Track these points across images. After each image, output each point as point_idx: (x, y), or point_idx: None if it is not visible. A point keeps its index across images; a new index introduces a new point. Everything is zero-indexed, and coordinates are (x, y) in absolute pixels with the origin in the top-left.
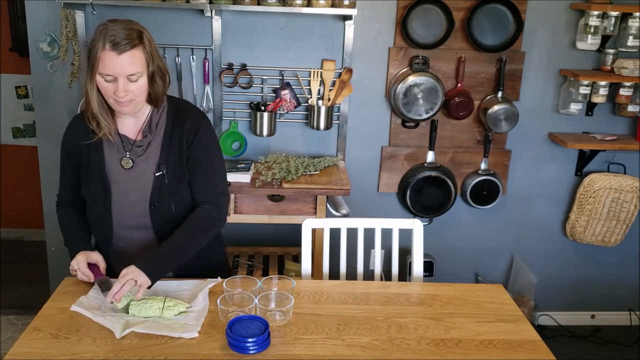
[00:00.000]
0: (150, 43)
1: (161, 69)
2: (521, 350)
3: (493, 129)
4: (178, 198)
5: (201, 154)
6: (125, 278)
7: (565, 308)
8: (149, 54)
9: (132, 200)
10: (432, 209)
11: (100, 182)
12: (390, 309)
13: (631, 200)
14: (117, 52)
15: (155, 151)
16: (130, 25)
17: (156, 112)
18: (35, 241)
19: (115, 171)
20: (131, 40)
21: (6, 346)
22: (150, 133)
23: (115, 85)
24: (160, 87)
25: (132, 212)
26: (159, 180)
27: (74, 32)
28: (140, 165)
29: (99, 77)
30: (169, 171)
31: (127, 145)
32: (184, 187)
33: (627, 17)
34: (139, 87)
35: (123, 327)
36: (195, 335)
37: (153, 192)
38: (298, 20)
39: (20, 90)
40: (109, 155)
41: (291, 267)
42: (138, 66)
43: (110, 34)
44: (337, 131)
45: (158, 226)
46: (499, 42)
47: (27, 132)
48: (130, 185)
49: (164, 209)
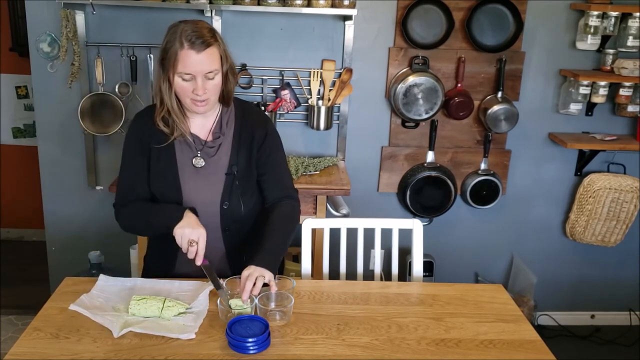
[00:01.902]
0: (222, 41)
1: (232, 67)
2: (521, 350)
3: (493, 129)
4: (247, 198)
5: (272, 154)
6: (253, 277)
7: (565, 308)
8: (223, 51)
9: (202, 199)
10: (432, 209)
11: (172, 182)
12: (390, 309)
13: (631, 200)
14: (195, 50)
15: (226, 151)
16: (202, 24)
17: (225, 112)
18: (35, 241)
19: (187, 170)
20: (207, 39)
21: (6, 346)
22: (222, 134)
23: (193, 84)
24: (233, 85)
25: (202, 211)
26: (230, 180)
27: (74, 32)
28: (211, 165)
29: (177, 77)
30: (239, 171)
31: (198, 145)
32: (252, 187)
33: (627, 17)
34: (215, 85)
35: (121, 327)
36: (193, 336)
37: (224, 191)
38: (298, 20)
39: (20, 90)
40: (181, 154)
41: (291, 267)
42: (215, 64)
43: (187, 34)
44: (337, 131)
45: (226, 225)
46: (499, 42)
47: (27, 132)
48: (202, 184)
49: (233, 209)
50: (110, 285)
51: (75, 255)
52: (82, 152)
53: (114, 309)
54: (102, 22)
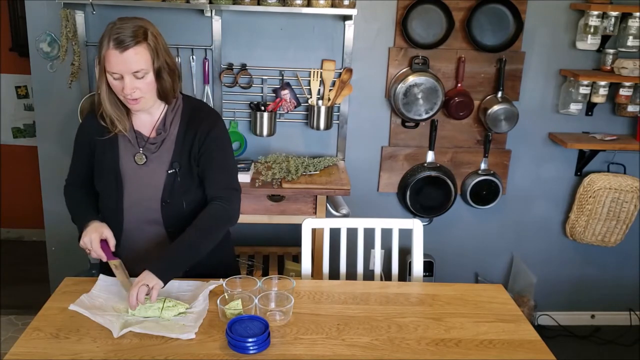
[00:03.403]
0: (155, 39)
1: (169, 65)
2: (521, 350)
3: (493, 129)
4: (190, 196)
5: (213, 151)
6: (138, 285)
7: (565, 308)
8: (154, 50)
9: (144, 196)
10: (432, 209)
11: (114, 176)
12: (390, 309)
13: (631, 200)
14: (120, 50)
15: (168, 149)
16: (135, 23)
17: (171, 110)
18: (35, 241)
19: (129, 167)
20: (134, 38)
21: (6, 346)
22: (164, 131)
23: (122, 83)
24: (169, 83)
25: (144, 208)
26: (171, 177)
27: (74, 32)
28: (153, 162)
29: (108, 76)
30: (182, 169)
31: (141, 141)
32: (196, 186)
33: (627, 17)
34: (147, 84)
35: (121, 327)
36: (192, 336)
37: (165, 188)
38: (298, 20)
39: (20, 90)
40: (124, 150)
41: (291, 267)
42: (142, 63)
43: (114, 33)
44: (337, 131)
45: (169, 223)
46: (499, 42)
47: (27, 132)
48: (143, 181)
49: (175, 206)
50: (110, 285)
51: (75, 255)
52: None
53: (114, 309)
54: (102, 22)
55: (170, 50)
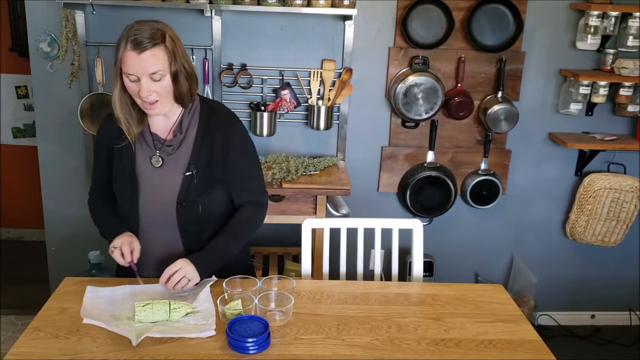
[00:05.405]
0: (173, 42)
1: (186, 69)
2: (521, 350)
3: (493, 129)
4: (207, 200)
5: (239, 158)
6: (179, 273)
7: (565, 308)
8: (171, 53)
9: (159, 198)
10: (432, 209)
11: (129, 179)
12: (390, 309)
13: (631, 200)
14: (137, 51)
15: (186, 151)
16: (153, 25)
17: (187, 112)
18: (35, 241)
19: (145, 169)
20: (152, 40)
21: (6, 346)
22: (180, 133)
23: (139, 85)
24: (185, 87)
25: (159, 210)
26: (187, 180)
27: (74, 32)
28: (169, 165)
29: (125, 78)
30: (199, 172)
31: (157, 144)
32: (213, 189)
33: (627, 17)
34: (163, 87)
35: (138, 334)
36: (213, 333)
37: (181, 191)
38: (298, 20)
39: (20, 90)
40: (140, 153)
41: (291, 267)
42: (159, 65)
43: (132, 34)
44: (337, 131)
45: (184, 226)
46: (499, 42)
47: (27, 132)
48: (159, 183)
49: (190, 209)
50: (100, 296)
51: (75, 255)
52: (82, 152)
53: (114, 318)
54: (102, 22)
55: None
